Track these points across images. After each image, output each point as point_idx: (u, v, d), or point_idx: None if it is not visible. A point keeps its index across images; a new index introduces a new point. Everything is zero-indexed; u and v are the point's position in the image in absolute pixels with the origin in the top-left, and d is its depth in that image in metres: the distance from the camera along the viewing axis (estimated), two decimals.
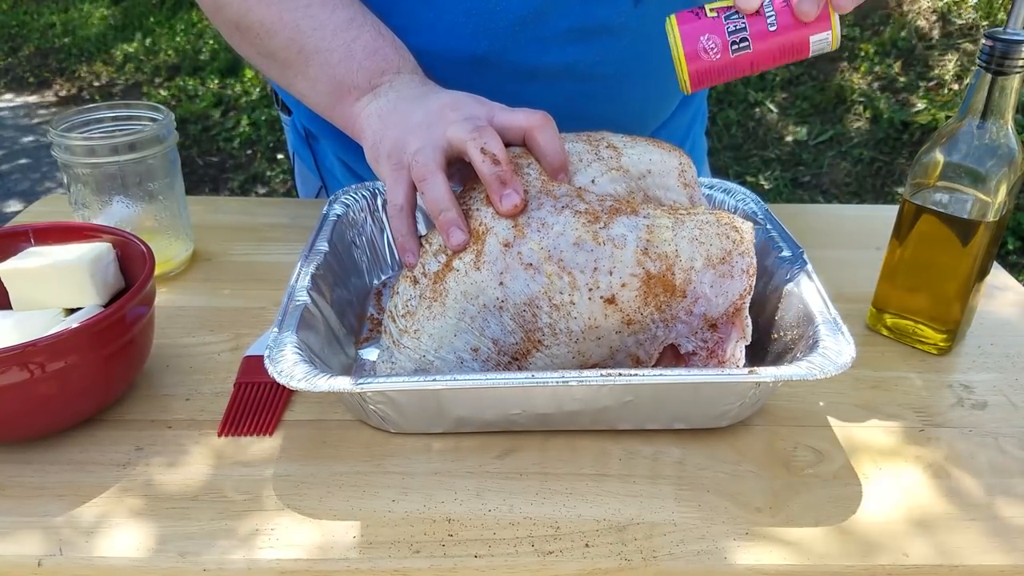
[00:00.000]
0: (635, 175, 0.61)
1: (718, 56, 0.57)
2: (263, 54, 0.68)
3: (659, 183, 0.62)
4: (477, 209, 0.55)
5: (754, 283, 0.55)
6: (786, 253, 0.64)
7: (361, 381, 0.50)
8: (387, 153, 0.59)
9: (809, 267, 0.61)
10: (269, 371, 0.50)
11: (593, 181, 0.59)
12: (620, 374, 0.50)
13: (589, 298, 0.53)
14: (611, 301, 0.53)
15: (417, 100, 0.61)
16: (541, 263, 0.53)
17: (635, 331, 0.54)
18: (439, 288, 0.55)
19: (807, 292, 0.58)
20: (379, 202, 0.74)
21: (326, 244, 0.65)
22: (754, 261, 0.55)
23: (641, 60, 0.75)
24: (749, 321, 0.55)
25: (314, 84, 0.65)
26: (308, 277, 0.60)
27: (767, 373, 0.51)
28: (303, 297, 0.58)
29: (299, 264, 0.61)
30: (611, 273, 0.53)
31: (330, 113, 0.66)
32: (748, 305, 0.55)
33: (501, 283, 0.53)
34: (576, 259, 0.53)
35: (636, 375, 0.50)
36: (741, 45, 0.57)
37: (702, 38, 0.57)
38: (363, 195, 0.74)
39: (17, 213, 0.89)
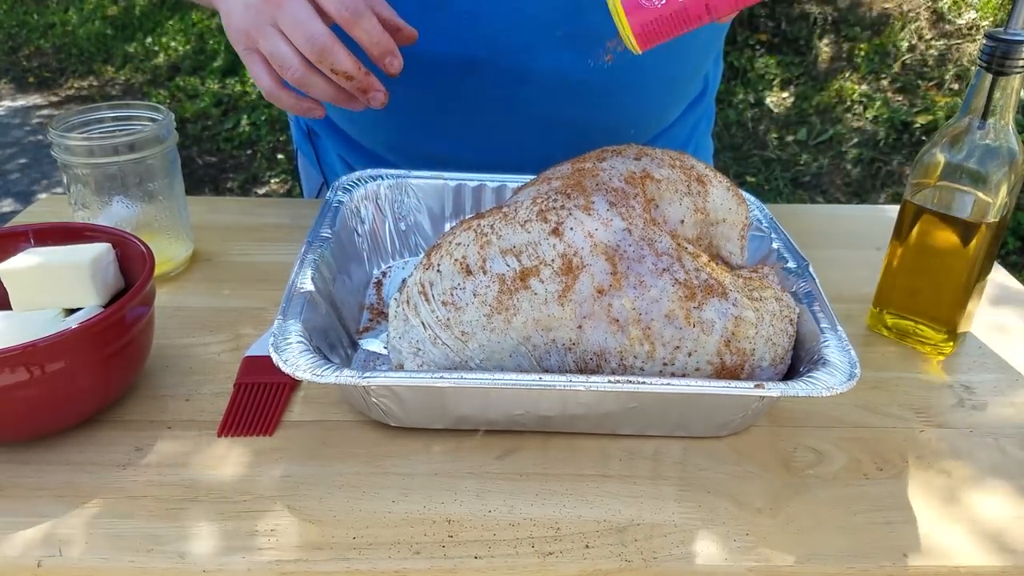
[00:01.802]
0: (711, 221, 0.61)
1: (662, 2, 0.48)
2: None
3: (725, 234, 0.63)
4: (571, 228, 0.53)
5: None
6: (791, 264, 0.64)
7: (367, 375, 0.50)
8: (235, 38, 0.60)
9: (816, 281, 0.61)
10: (274, 360, 0.50)
11: (682, 221, 0.59)
12: (628, 381, 0.50)
13: (660, 371, 0.53)
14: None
15: None
16: (628, 324, 0.52)
17: None
18: (507, 302, 0.52)
19: (813, 306, 0.58)
20: (382, 190, 0.74)
21: (329, 231, 0.65)
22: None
23: (637, 70, 0.74)
24: None
25: None
26: (311, 264, 0.60)
27: (773, 388, 0.51)
28: (307, 284, 0.57)
29: (302, 251, 0.61)
30: (690, 355, 0.52)
31: None
32: None
33: (580, 327, 0.52)
34: (663, 332, 0.52)
35: (644, 383, 0.50)
36: None
37: None
38: (366, 182, 0.74)
39: (16, 213, 0.89)
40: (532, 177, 0.70)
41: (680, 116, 0.88)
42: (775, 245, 0.67)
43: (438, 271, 0.54)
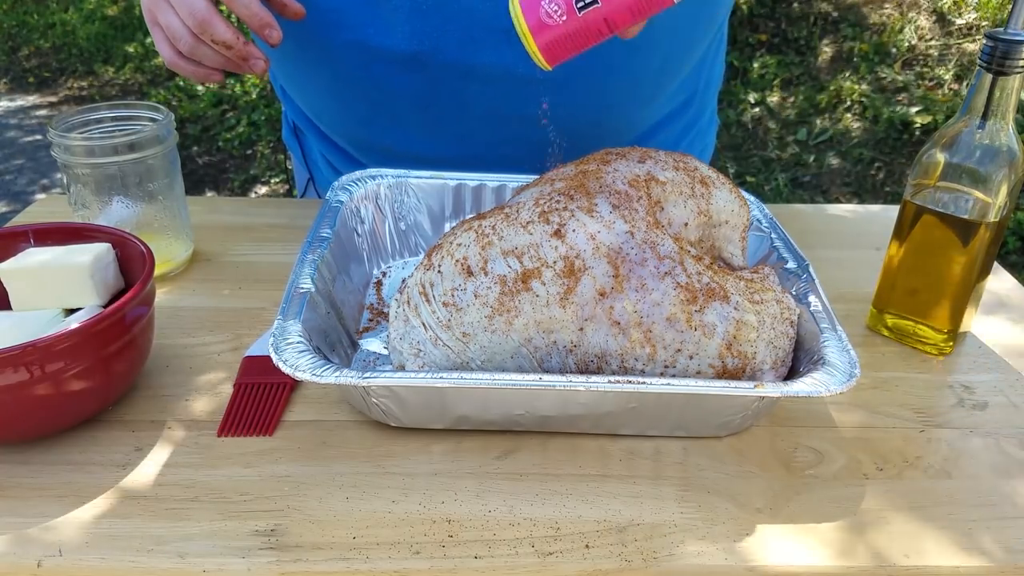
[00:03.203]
0: (714, 223, 0.61)
1: (563, 18, 0.51)
2: None
3: (727, 235, 0.63)
4: (573, 230, 0.53)
5: None
6: (791, 265, 0.64)
7: (367, 375, 0.50)
8: (145, 14, 0.65)
9: (816, 281, 0.61)
10: (274, 360, 0.50)
11: (686, 224, 0.59)
12: (628, 381, 0.50)
13: (661, 373, 0.53)
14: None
15: None
16: (629, 326, 0.52)
17: None
18: (508, 304, 0.52)
19: (813, 307, 0.58)
20: (382, 190, 0.74)
21: (329, 231, 0.65)
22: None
23: (587, 65, 0.71)
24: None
25: None
26: (312, 265, 0.60)
27: (773, 388, 0.51)
28: (307, 284, 0.57)
29: (302, 251, 0.61)
30: (691, 358, 0.53)
31: None
32: None
33: (581, 329, 0.52)
34: (664, 335, 0.52)
35: (643, 383, 0.50)
36: (587, 1, 0.51)
37: (543, 3, 0.52)
38: (366, 182, 0.74)
39: (15, 213, 0.89)
40: (533, 177, 0.70)
41: (665, 120, 0.85)
42: (775, 245, 0.67)
43: (439, 272, 0.54)
